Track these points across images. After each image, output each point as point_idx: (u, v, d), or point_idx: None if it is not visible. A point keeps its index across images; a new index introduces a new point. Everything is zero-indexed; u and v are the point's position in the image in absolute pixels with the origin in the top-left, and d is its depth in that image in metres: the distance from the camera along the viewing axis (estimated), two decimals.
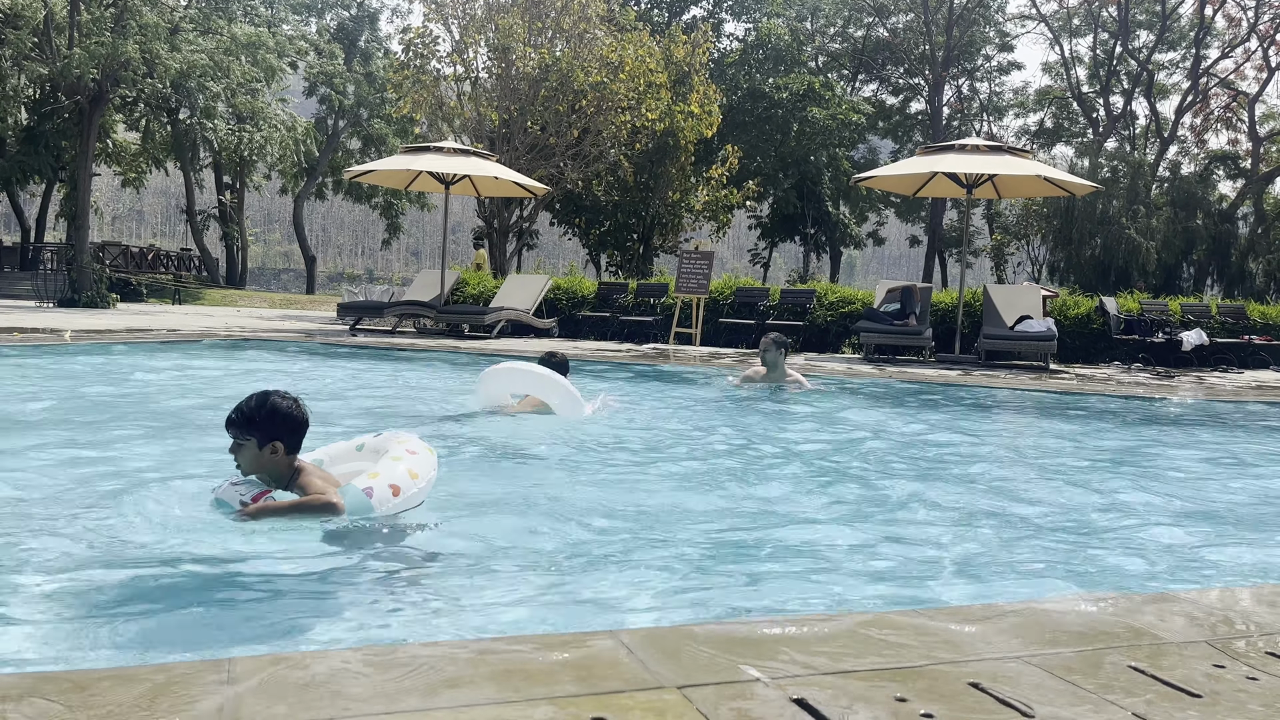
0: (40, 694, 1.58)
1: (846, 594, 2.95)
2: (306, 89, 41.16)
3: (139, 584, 2.78)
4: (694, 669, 1.80)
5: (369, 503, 3.28)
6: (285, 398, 3.32)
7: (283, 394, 3.34)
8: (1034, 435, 6.96)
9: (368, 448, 3.78)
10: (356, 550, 3.16)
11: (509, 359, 6.66)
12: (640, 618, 2.63)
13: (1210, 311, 15.06)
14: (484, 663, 1.79)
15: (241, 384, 8.20)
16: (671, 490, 4.44)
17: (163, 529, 3.23)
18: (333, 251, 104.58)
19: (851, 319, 14.56)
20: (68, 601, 2.62)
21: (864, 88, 43.52)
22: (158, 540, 3.12)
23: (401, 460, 3.48)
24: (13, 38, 22.44)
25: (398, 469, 3.42)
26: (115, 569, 2.87)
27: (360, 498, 3.28)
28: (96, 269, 22.62)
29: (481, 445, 5.47)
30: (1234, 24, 35.34)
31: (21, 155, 30.03)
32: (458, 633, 2.48)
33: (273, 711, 1.55)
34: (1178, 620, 2.23)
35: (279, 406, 3.28)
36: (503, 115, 22.02)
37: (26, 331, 11.18)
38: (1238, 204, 34.68)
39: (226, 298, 31.19)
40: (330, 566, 3.01)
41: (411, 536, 3.36)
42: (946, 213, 37.95)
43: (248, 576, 2.86)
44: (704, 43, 25.31)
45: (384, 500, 3.32)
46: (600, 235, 28.19)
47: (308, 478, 3.31)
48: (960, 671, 1.84)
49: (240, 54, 27.64)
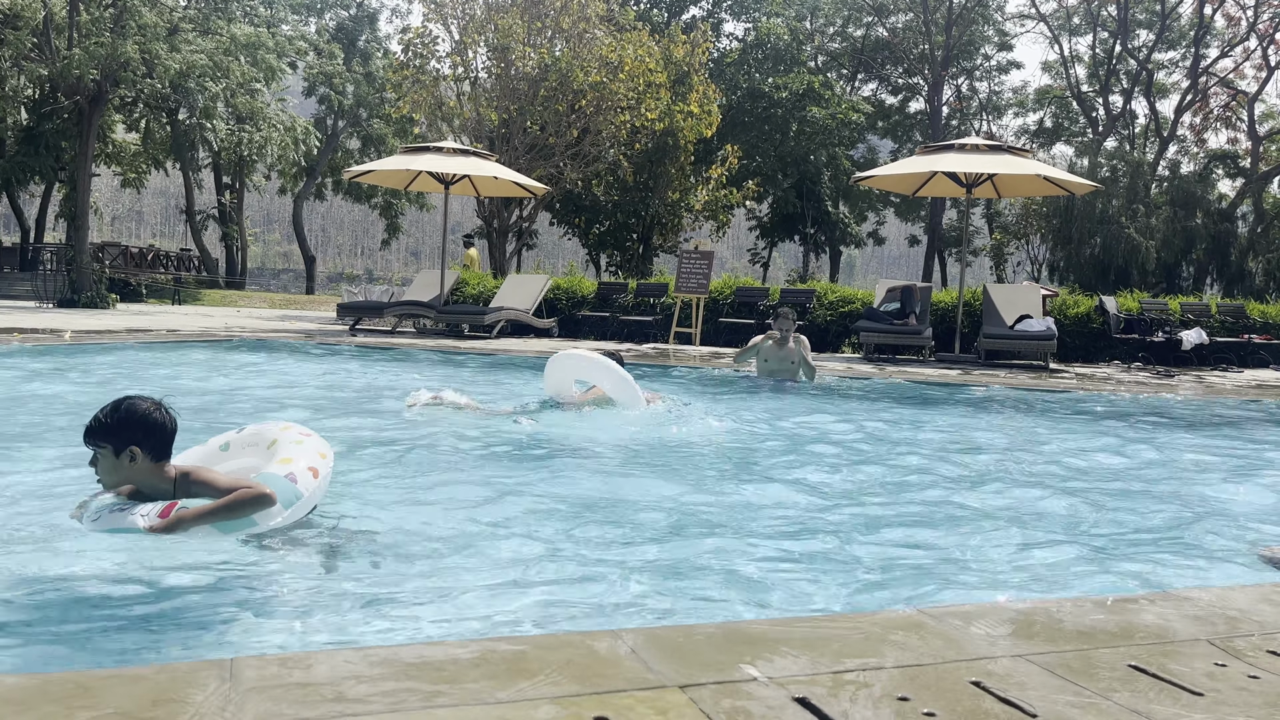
0: (45, 695, 1.58)
1: (848, 593, 2.95)
2: (306, 89, 41.16)
3: (139, 585, 2.79)
4: (696, 668, 1.80)
5: (296, 489, 3.07)
6: (144, 400, 3.10)
7: (143, 397, 3.12)
8: (1034, 434, 6.96)
9: (235, 444, 3.54)
10: (355, 549, 3.16)
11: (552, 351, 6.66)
12: (641, 617, 2.64)
13: (1210, 310, 15.07)
14: (486, 662, 1.80)
15: (250, 381, 8.22)
16: (677, 488, 4.44)
17: None
18: (332, 251, 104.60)
19: (851, 318, 14.56)
20: (70, 603, 2.62)
21: (863, 87, 43.51)
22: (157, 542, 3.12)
23: (302, 443, 3.28)
24: (12, 38, 22.43)
25: (304, 450, 3.20)
26: (117, 570, 2.87)
27: (286, 485, 3.05)
28: (96, 269, 22.62)
29: (486, 443, 5.47)
30: (1233, 23, 35.34)
31: (21, 156, 30.01)
32: (459, 632, 2.48)
33: (276, 711, 1.55)
34: (1178, 619, 2.23)
35: (136, 409, 3.05)
36: (502, 115, 22.02)
37: (26, 332, 11.18)
38: (1237, 203, 34.67)
39: (226, 298, 31.19)
40: (326, 567, 3.01)
41: (410, 535, 3.36)
42: (946, 212, 37.95)
43: (249, 577, 2.86)
44: (703, 42, 25.30)
45: (308, 484, 3.12)
46: (600, 235, 28.19)
47: (207, 476, 3.09)
48: (962, 670, 1.84)
49: (239, 54, 27.62)
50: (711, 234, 29.09)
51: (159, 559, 2.97)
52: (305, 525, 3.32)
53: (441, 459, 5.02)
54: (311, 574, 2.92)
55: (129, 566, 2.90)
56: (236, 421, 4.29)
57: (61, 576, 2.80)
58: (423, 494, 4.14)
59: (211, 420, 5.66)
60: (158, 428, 3.06)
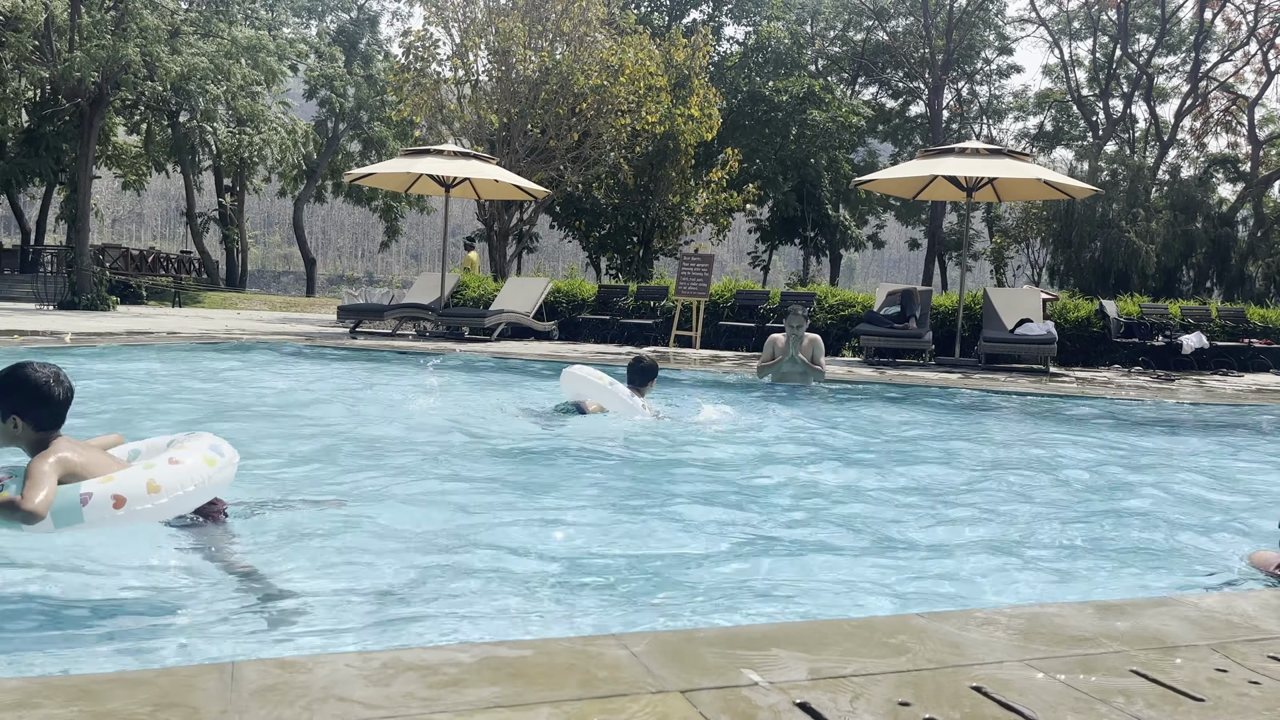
0: (46, 699, 1.58)
1: (849, 598, 2.95)
2: (307, 92, 41.17)
3: (139, 588, 2.79)
4: (697, 673, 1.80)
5: (80, 511, 2.77)
6: (41, 369, 3.01)
7: (40, 365, 3.03)
8: (1034, 438, 6.96)
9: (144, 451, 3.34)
10: (354, 553, 3.16)
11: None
12: (642, 622, 2.64)
13: (1210, 315, 15.07)
14: (487, 666, 1.80)
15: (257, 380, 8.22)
16: (679, 494, 4.44)
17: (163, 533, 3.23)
18: (332, 254, 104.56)
19: (852, 322, 14.56)
20: (70, 606, 2.62)
21: (864, 91, 43.53)
22: (157, 545, 3.12)
23: (154, 468, 2.98)
24: (13, 40, 22.45)
25: (139, 477, 2.91)
26: (118, 572, 2.87)
27: (72, 503, 2.77)
28: (96, 271, 22.62)
29: (490, 446, 5.47)
30: (1234, 27, 35.39)
31: (22, 158, 30.03)
32: (461, 637, 2.48)
33: (277, 715, 1.55)
34: (1179, 625, 2.23)
35: (27, 376, 2.97)
36: (503, 118, 22.03)
37: (27, 334, 11.18)
38: (1237, 207, 34.69)
39: (226, 300, 31.19)
40: (327, 570, 3.01)
41: (411, 539, 3.36)
42: (946, 216, 37.97)
43: (251, 581, 2.86)
44: (704, 46, 25.33)
45: (101, 511, 2.79)
46: (600, 238, 28.20)
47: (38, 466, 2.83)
48: (963, 675, 1.85)
49: (240, 57, 27.65)
50: (712, 237, 29.11)
51: (158, 561, 2.97)
52: (307, 529, 3.32)
53: (443, 462, 5.02)
54: (313, 578, 2.92)
55: (128, 570, 2.90)
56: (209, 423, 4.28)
57: (62, 580, 2.79)
58: (425, 497, 4.14)
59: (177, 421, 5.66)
60: (44, 398, 2.98)
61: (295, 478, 4.44)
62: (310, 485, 4.30)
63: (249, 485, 3.86)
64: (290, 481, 4.32)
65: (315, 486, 4.28)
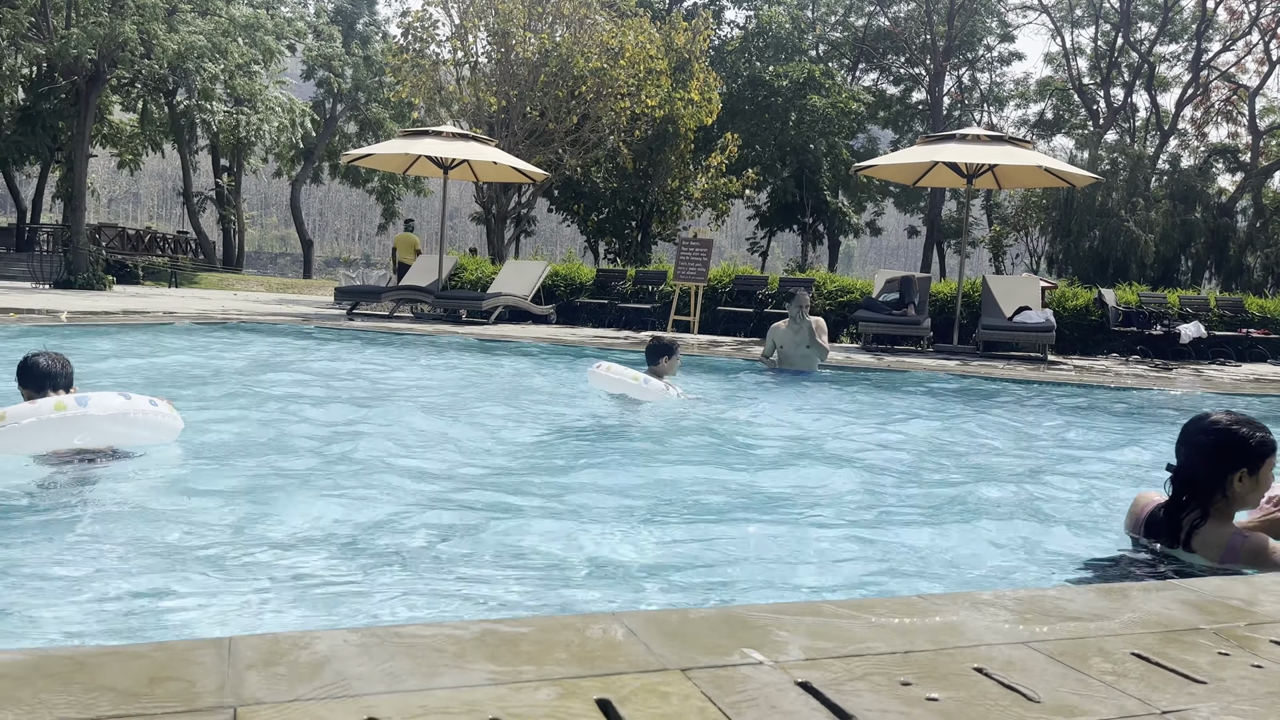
0: (42, 671, 1.57)
1: (851, 579, 2.94)
2: (304, 72, 40.95)
3: (139, 562, 2.77)
4: (697, 651, 1.79)
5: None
6: (40, 351, 3.80)
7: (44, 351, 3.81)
8: (1034, 425, 6.96)
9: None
10: (356, 528, 3.15)
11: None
12: (643, 601, 2.63)
13: (1208, 304, 15.07)
14: (486, 643, 1.78)
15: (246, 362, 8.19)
16: (680, 475, 4.43)
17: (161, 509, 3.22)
18: (330, 236, 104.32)
19: (850, 308, 14.55)
20: (70, 579, 2.61)
21: (864, 77, 43.38)
22: (156, 519, 3.11)
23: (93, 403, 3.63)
24: (10, 17, 22.27)
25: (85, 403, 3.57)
26: (116, 548, 2.86)
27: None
28: (92, 251, 22.55)
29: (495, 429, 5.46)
30: (1236, 17, 35.26)
31: (18, 136, 29.86)
32: (460, 613, 2.47)
33: (274, 690, 1.54)
34: (1181, 608, 2.23)
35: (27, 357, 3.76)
36: (501, 100, 21.92)
37: (22, 312, 11.14)
38: (1237, 197, 34.65)
39: (223, 281, 31.11)
40: (329, 545, 3.00)
41: (412, 516, 3.35)
42: (945, 203, 37.90)
43: (249, 555, 2.85)
44: (704, 30, 25.21)
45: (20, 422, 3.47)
46: (599, 222, 28.11)
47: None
48: (965, 656, 1.84)
49: (238, 35, 27.46)
50: (710, 222, 29.03)
51: (154, 536, 2.96)
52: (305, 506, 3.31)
53: (449, 442, 5.01)
54: (311, 554, 2.91)
55: (125, 545, 2.88)
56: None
57: (57, 554, 2.78)
58: (423, 476, 4.13)
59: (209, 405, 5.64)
60: (25, 367, 3.77)
61: (294, 454, 4.42)
62: (307, 461, 4.28)
63: (245, 463, 3.85)
64: (288, 458, 4.30)
65: (313, 463, 4.26)
